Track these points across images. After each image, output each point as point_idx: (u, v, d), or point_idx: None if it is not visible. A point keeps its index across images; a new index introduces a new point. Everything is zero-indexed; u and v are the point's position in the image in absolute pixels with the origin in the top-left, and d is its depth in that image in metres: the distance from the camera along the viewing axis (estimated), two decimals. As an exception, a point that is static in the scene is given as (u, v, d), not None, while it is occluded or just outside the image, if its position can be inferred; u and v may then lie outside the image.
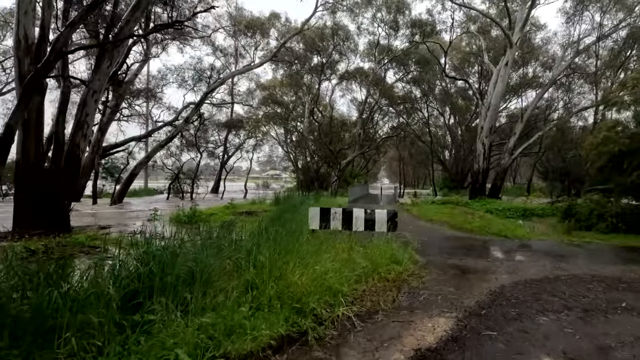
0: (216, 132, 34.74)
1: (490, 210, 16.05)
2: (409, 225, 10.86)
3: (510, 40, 20.79)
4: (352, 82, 35.55)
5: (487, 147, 21.57)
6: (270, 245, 5.12)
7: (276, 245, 5.18)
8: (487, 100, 22.30)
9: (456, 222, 11.11)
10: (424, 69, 33.41)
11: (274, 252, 4.91)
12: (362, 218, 7.27)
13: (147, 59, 23.68)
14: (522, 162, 51.74)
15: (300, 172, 31.02)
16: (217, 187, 38.16)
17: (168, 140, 21.49)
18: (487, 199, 20.91)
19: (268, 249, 4.90)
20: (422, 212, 13.48)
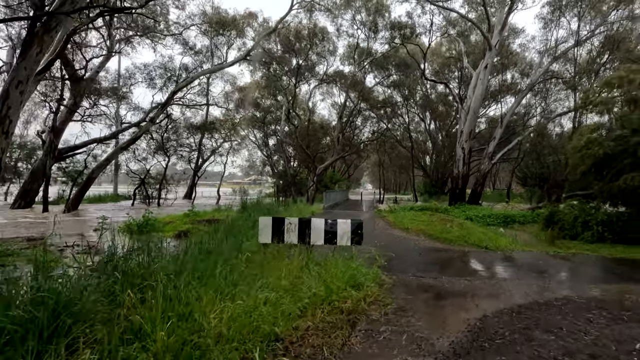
0: (190, 135, 33.29)
1: (470, 217, 15.31)
2: (382, 235, 9.86)
3: (490, 43, 20.37)
4: (332, 85, 34.86)
5: (466, 151, 20.99)
6: (191, 268, 3.96)
7: (197, 268, 4.03)
8: (467, 104, 21.81)
9: (434, 231, 10.18)
10: (404, 73, 32.99)
11: (192, 277, 3.77)
12: (321, 230, 6.18)
13: (110, 54, 22.08)
14: (502, 168, 52.19)
15: (277, 177, 29.78)
16: (190, 192, 36.48)
17: (130, 142, 19.93)
18: (467, 205, 20.29)
19: (188, 275, 3.75)
20: (398, 220, 12.53)
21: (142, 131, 19.91)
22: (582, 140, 10.26)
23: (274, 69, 28.50)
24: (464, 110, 21.63)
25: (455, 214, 16.00)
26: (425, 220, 12.34)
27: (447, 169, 39.90)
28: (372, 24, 28.84)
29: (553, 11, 25.09)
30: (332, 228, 6.20)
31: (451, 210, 16.68)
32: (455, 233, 9.90)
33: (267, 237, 6.15)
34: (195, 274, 3.82)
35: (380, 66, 32.05)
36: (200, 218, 13.07)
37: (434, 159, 45.02)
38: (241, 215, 11.77)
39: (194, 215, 13.39)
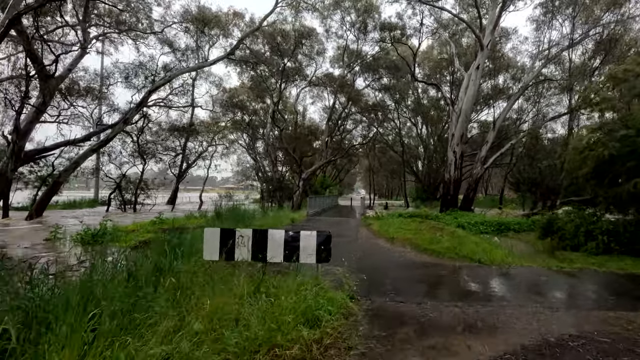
0: (174, 138, 32.02)
1: (463, 225, 14.31)
2: (365, 245, 8.78)
3: (481, 43, 19.60)
4: (322, 89, 33.93)
5: (458, 155, 20.10)
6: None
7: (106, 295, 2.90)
8: (458, 107, 20.98)
9: (422, 242, 9.12)
10: (394, 75, 32.25)
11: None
12: (280, 243, 5.06)
13: (84, 51, 20.83)
14: (494, 173, 51.67)
15: (262, 181, 28.62)
16: (174, 197, 35.10)
17: (101, 144, 18.65)
18: (459, 211, 19.34)
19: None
20: (383, 228, 11.46)
21: (115, 132, 18.63)
22: (583, 140, 9.33)
23: (261, 70, 27.50)
24: (455, 112, 20.79)
25: (447, 221, 14.99)
26: (413, 228, 11.28)
27: (439, 174, 39.11)
28: (362, 24, 28.05)
29: (545, 13, 24.58)
30: (293, 241, 5.08)
31: (442, 217, 15.69)
32: (446, 243, 8.85)
33: (213, 253, 5.01)
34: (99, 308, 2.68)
35: (371, 68, 31.23)
36: (166, 226, 11.87)
37: (426, 164, 44.32)
38: (212, 223, 10.62)
39: (160, 223, 12.18)
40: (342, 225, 13.24)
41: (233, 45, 21.72)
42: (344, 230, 11.59)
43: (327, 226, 12.93)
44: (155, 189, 25.58)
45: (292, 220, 13.79)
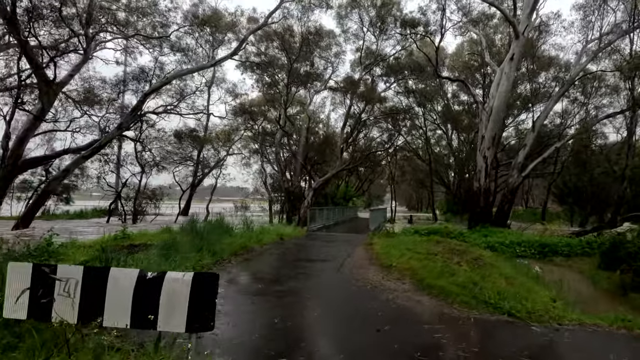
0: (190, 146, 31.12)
1: (493, 246, 11.42)
2: (342, 280, 6.36)
3: (516, 30, 16.71)
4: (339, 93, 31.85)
5: (489, 160, 17.10)
6: None
7: None
8: (489, 104, 18.06)
9: (428, 273, 6.56)
10: (418, 78, 29.62)
11: None
12: (128, 295, 2.84)
13: (86, 57, 20.19)
14: (535, 184, 46.68)
15: (271, 192, 26.73)
16: (187, 208, 34.11)
17: (94, 151, 17.54)
18: (491, 227, 16.26)
19: None
20: (386, 250, 8.93)
21: (107, 139, 17.52)
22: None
23: (272, 73, 25.90)
24: (485, 111, 17.85)
25: (472, 240, 12.14)
26: (424, 252, 8.67)
27: (472, 184, 35.48)
28: (381, 21, 25.82)
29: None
30: (151, 290, 2.84)
31: (468, 235, 12.82)
32: (462, 277, 6.25)
33: (18, 307, 2.91)
34: None
35: (393, 70, 28.77)
36: (129, 242, 10.06)
37: (457, 174, 40.67)
38: (180, 239, 8.62)
39: (121, 238, 10.41)
40: (338, 244, 10.83)
41: (236, 45, 20.27)
42: (334, 252, 9.21)
43: (321, 245, 10.60)
44: (159, 200, 24.40)
45: (281, 237, 11.57)
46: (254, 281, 5.89)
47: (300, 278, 6.10)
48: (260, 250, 9.11)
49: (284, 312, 4.27)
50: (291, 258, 8.07)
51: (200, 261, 7.02)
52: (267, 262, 7.63)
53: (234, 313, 4.13)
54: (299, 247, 9.87)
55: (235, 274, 6.40)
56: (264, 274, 6.41)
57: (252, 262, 7.50)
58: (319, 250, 9.50)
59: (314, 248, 9.89)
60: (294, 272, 6.64)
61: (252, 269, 6.86)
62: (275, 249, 9.49)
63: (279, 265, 7.30)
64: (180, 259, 6.92)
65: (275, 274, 6.41)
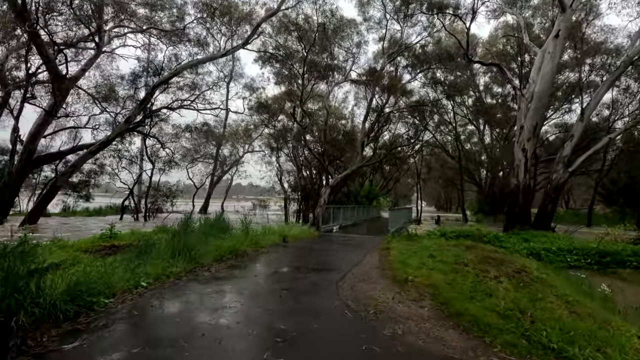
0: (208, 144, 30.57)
1: (538, 253, 9.48)
2: (349, 297, 4.84)
3: (563, 2, 14.43)
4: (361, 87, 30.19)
5: (530, 154, 14.93)
6: None
7: None
8: (529, 90, 15.84)
9: (457, 291, 4.94)
10: (447, 67, 27.38)
11: None
12: None
13: (99, 50, 19.78)
14: (576, 183, 42.70)
15: (286, 190, 25.46)
16: (206, 205, 33.67)
17: (102, 145, 16.96)
18: (531, 230, 14.14)
19: None
20: (403, 258, 7.31)
21: (116, 133, 16.88)
22: None
23: (290, 65, 24.61)
24: (524, 99, 15.63)
25: (510, 246, 10.22)
26: (451, 260, 6.99)
27: (507, 182, 32.64)
28: (405, 5, 23.85)
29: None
30: None
31: (506, 240, 10.87)
32: (504, 299, 4.58)
33: None
34: None
35: (419, 60, 26.74)
36: (113, 243, 9.04)
37: (490, 172, 37.74)
38: (159, 241, 7.44)
39: (104, 238, 9.41)
40: (349, 248, 9.30)
41: (249, 33, 19.10)
42: (340, 258, 7.71)
43: (328, 249, 9.11)
44: (175, 197, 23.79)
45: (284, 238, 10.17)
46: (216, 303, 4.51)
47: (280, 297, 4.67)
48: (253, 255, 7.76)
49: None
50: (285, 266, 6.65)
51: (170, 268, 5.75)
52: (252, 271, 6.25)
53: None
54: (300, 252, 8.44)
55: (196, 289, 5.05)
56: (235, 290, 5.02)
57: (235, 271, 6.14)
58: (324, 255, 8.02)
59: (318, 253, 8.42)
60: (277, 286, 5.22)
61: (226, 281, 5.49)
62: (272, 253, 8.11)
63: (264, 276, 5.90)
64: (147, 266, 5.70)
65: (251, 291, 5.01)
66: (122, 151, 21.27)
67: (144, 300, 4.41)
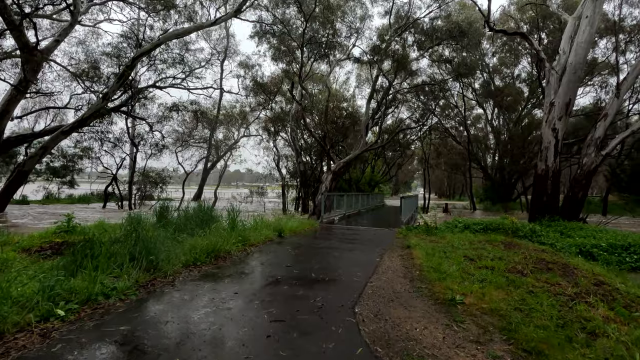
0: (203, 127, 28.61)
1: (589, 252, 7.79)
2: (377, 336, 3.11)
3: (604, -43, 12.37)
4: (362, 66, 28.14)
5: (560, 134, 13.14)
6: None
7: None
8: (559, 62, 13.92)
9: (537, 322, 3.24)
10: (459, 43, 25.25)
11: None
12: None
13: (74, 20, 17.65)
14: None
15: (288, 176, 23.68)
16: (200, 193, 31.96)
17: (75, 125, 15.06)
18: (561, 220, 12.48)
19: None
20: (433, 261, 5.59)
21: (91, 112, 14.96)
22: None
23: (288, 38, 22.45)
24: (554, 72, 13.70)
25: (553, 242, 8.52)
26: (498, 264, 5.28)
27: (517, 168, 30.92)
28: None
29: None
30: None
31: (545, 234, 9.15)
32: (618, 341, 2.87)
33: None
34: None
35: (427, 35, 24.61)
36: (66, 239, 7.30)
37: (497, 158, 35.93)
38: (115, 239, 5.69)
39: (59, 233, 7.66)
40: (357, 246, 7.58)
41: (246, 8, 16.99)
42: (350, 262, 6.00)
43: (333, 247, 7.37)
44: (161, 184, 21.98)
45: (280, 232, 8.43)
46: (165, 355, 2.79)
47: (267, 340, 2.95)
48: (238, 257, 6.03)
49: None
50: (278, 275, 4.92)
51: (115, 283, 4.02)
52: (231, 284, 4.52)
53: None
54: (300, 252, 6.71)
55: (141, 321, 3.34)
56: (199, 323, 3.30)
57: (207, 285, 4.41)
58: (330, 257, 6.29)
59: (322, 253, 6.70)
60: (264, 314, 3.49)
61: (189, 304, 3.76)
62: (264, 254, 6.37)
63: (247, 294, 4.16)
64: (81, 278, 3.98)
65: (223, 324, 3.29)
66: (106, 133, 19.33)
67: (44, 352, 2.67)
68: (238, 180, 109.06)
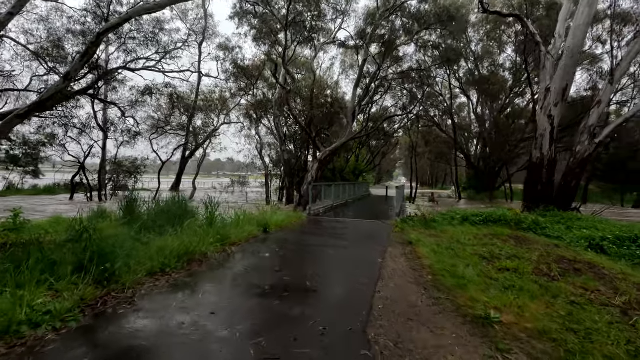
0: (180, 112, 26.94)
1: (599, 245, 7.28)
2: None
3: None
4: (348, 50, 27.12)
5: (556, 121, 12.69)
6: None
7: None
8: (555, 46, 13.40)
9: (604, 350, 2.50)
10: (447, 28, 24.54)
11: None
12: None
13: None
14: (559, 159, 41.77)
15: (271, 165, 22.62)
16: (178, 182, 30.44)
17: (32, 108, 13.44)
18: (556, 210, 12.13)
19: None
20: (445, 266, 4.83)
21: (50, 93, 13.25)
22: None
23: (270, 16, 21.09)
24: (550, 56, 13.16)
25: (560, 234, 7.99)
26: (519, 265, 4.58)
27: (501, 156, 30.90)
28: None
29: None
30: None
31: (550, 227, 8.60)
32: None
33: None
34: None
35: (415, 19, 23.75)
36: (14, 238, 6.15)
37: (481, 147, 35.84)
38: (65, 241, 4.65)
39: (7, 231, 6.50)
40: (351, 243, 6.78)
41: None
42: (345, 263, 5.20)
43: (323, 244, 6.54)
44: (136, 174, 20.51)
45: (266, 227, 7.53)
46: None
47: None
48: (216, 260, 5.10)
49: None
50: (265, 285, 4.04)
51: (53, 303, 3.05)
52: (206, 299, 3.61)
53: None
54: (288, 252, 5.83)
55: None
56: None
57: (175, 300, 3.49)
58: (322, 258, 5.46)
59: (314, 253, 5.85)
60: (248, 348, 2.62)
61: (145, 337, 2.85)
62: (246, 256, 5.46)
63: (226, 313, 3.28)
64: (7, 294, 2.99)
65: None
66: (70, 118, 17.65)
67: None
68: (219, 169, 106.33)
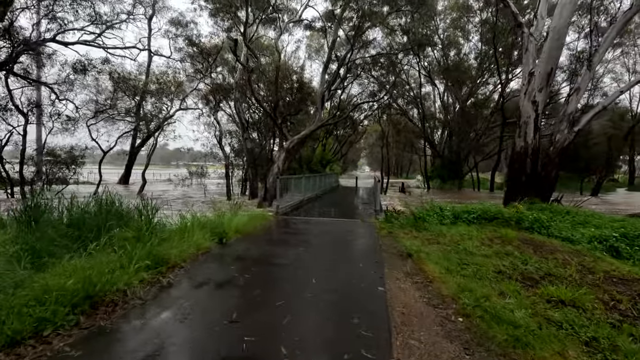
0: (127, 95, 23.80)
1: (613, 246, 6.36)
2: None
3: None
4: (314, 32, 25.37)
5: (541, 107, 11.94)
6: None
7: None
8: (538, 28, 12.61)
9: None
10: (418, 11, 23.49)
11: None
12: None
13: None
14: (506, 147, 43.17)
15: (233, 154, 20.58)
16: (127, 175, 27.43)
17: None
18: (539, 202, 11.45)
19: None
20: (472, 293, 3.49)
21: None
22: None
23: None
24: (532, 38, 12.34)
25: (565, 234, 7.04)
26: (560, 291, 3.32)
27: (466, 146, 30.90)
28: None
29: None
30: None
31: (551, 224, 7.64)
32: None
33: None
34: None
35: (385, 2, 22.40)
36: None
37: (447, 135, 35.78)
38: None
39: None
40: (337, 256, 5.31)
41: None
42: (336, 293, 3.67)
43: (298, 260, 5.01)
44: (74, 165, 17.66)
45: (222, 237, 5.84)
46: None
47: None
48: (138, 303, 3.37)
49: None
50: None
51: None
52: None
53: None
54: (249, 280, 4.18)
55: None
56: None
57: None
58: (297, 288, 3.90)
59: (283, 279, 4.26)
60: None
61: None
62: (185, 293, 3.77)
63: None
64: None
65: None
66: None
67: None
68: (178, 159, 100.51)
